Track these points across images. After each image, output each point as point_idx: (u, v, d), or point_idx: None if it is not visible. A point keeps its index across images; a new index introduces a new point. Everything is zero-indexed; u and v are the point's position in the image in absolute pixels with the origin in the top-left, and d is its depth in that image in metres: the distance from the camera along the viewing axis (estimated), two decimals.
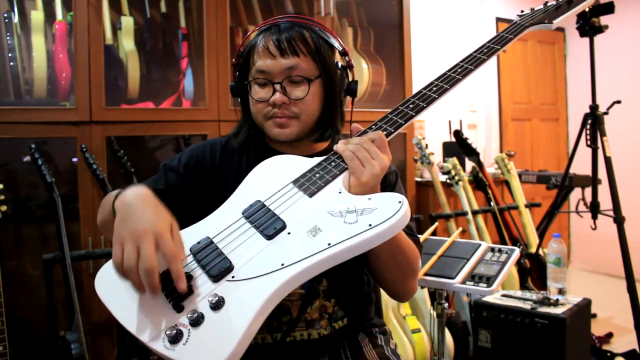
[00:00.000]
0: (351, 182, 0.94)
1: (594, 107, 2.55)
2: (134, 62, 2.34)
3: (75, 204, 2.18)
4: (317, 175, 0.97)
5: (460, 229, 2.31)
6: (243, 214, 0.94)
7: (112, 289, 0.87)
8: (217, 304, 0.80)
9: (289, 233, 0.88)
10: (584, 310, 2.14)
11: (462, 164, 3.20)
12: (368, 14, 3.17)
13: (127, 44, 2.34)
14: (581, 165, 2.78)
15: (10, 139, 2.15)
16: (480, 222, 2.95)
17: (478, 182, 3.05)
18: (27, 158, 2.19)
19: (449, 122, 3.70)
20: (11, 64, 2.18)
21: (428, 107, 1.05)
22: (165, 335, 0.78)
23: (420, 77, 3.46)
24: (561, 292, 2.13)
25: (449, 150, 3.45)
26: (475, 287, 1.73)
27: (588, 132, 2.57)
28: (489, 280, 1.74)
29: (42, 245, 2.31)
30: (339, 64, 1.15)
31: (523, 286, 2.84)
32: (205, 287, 0.84)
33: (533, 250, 3.02)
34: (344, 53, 1.16)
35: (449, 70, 1.12)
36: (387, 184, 1.16)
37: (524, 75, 4.62)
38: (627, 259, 2.43)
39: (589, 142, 2.57)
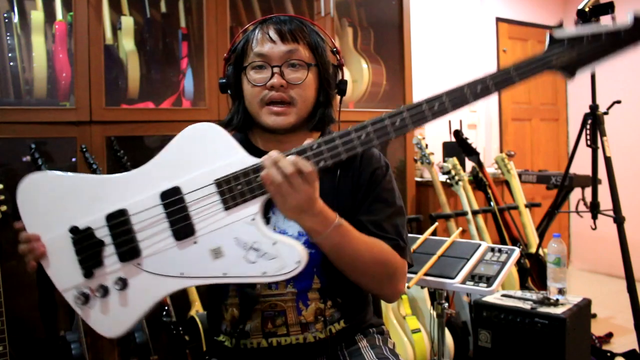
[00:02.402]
0: (276, 204, 0.93)
1: (594, 107, 2.55)
2: (134, 62, 2.34)
3: None
4: (239, 187, 0.94)
5: (460, 229, 2.31)
6: (161, 199, 0.96)
7: (34, 204, 1.14)
8: (123, 284, 0.97)
9: (195, 242, 0.95)
10: (584, 310, 2.14)
11: (462, 164, 3.19)
12: (368, 14, 3.17)
13: (127, 44, 2.34)
14: (581, 165, 2.78)
15: (10, 139, 2.14)
16: (480, 222, 2.95)
17: (478, 182, 3.04)
18: (27, 158, 2.18)
19: (449, 122, 3.69)
20: (11, 64, 2.18)
21: (379, 141, 0.91)
22: (76, 292, 0.98)
23: (420, 77, 3.47)
24: (561, 292, 2.13)
25: (449, 150, 3.45)
26: (475, 287, 1.74)
27: (588, 132, 2.57)
28: (489, 280, 1.74)
29: None
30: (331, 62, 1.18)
31: (523, 286, 2.84)
32: (112, 260, 0.98)
33: (533, 250, 3.01)
34: (335, 52, 1.20)
35: (418, 103, 0.90)
36: (374, 179, 1.13)
37: None
38: (627, 259, 2.43)
39: (589, 142, 2.56)
